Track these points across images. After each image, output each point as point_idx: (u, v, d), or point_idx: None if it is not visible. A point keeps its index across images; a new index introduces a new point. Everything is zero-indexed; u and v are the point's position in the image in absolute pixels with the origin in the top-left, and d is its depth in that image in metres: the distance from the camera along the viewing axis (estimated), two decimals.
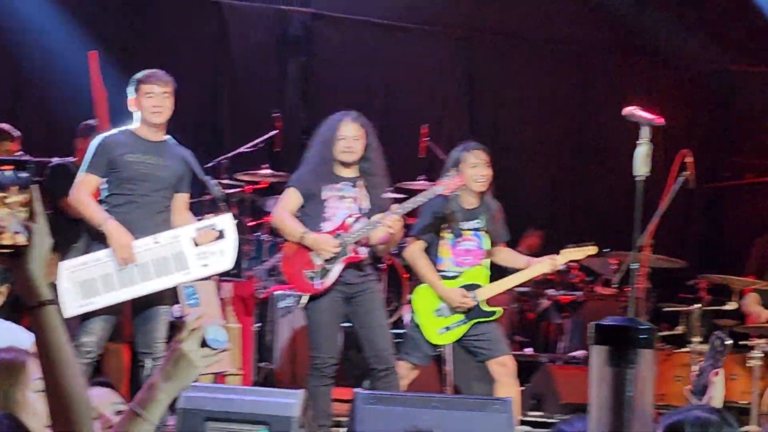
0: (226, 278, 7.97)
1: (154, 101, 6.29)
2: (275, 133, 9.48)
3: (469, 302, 6.78)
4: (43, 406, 2.21)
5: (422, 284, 6.94)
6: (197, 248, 6.20)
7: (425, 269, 6.87)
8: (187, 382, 2.42)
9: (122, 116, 6.52)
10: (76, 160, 7.39)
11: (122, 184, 6.24)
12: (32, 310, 2.20)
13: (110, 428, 2.86)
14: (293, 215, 6.58)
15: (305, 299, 6.52)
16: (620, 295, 9.31)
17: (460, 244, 6.87)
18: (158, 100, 6.29)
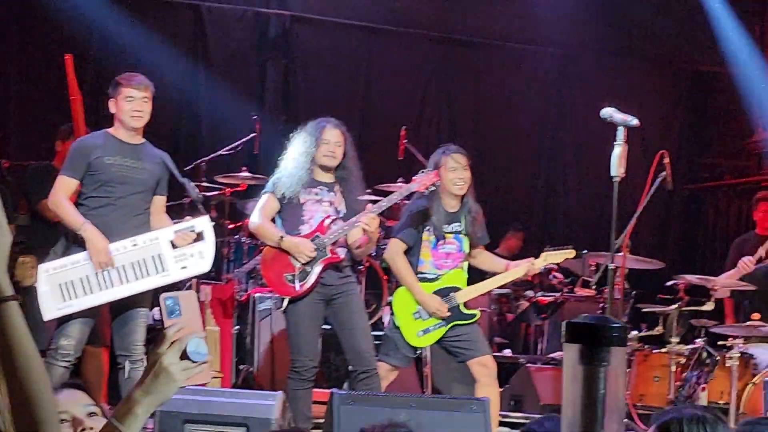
0: (205, 281, 7.97)
1: (134, 105, 6.28)
2: (254, 135, 9.47)
3: (443, 311, 6.80)
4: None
5: (402, 286, 6.95)
6: (176, 250, 6.19)
7: (403, 271, 6.87)
8: (166, 396, 2.39)
9: (99, 118, 6.50)
10: (55, 162, 7.38)
11: (100, 186, 6.23)
12: None
13: (83, 431, 2.83)
14: (270, 220, 6.59)
15: (285, 303, 6.52)
16: (599, 296, 9.33)
17: (440, 246, 6.88)
18: (138, 104, 6.29)
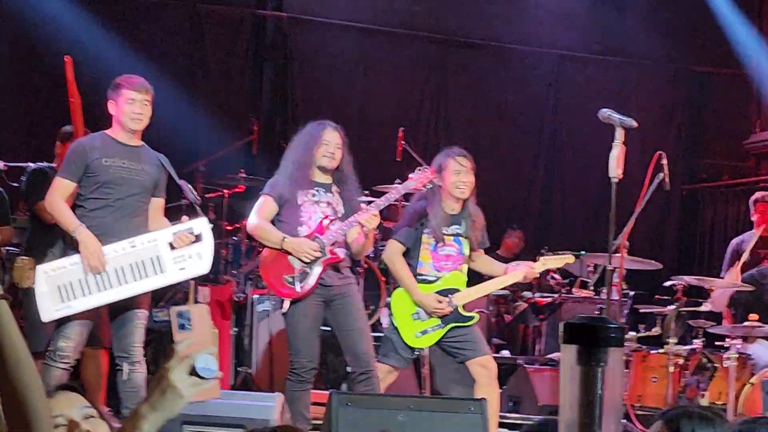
0: (203, 282, 7.98)
1: (134, 108, 6.26)
2: (252, 137, 9.48)
3: (443, 308, 6.80)
4: None
5: (400, 287, 6.95)
6: (174, 252, 6.18)
7: (402, 272, 6.87)
8: (173, 412, 2.34)
9: (98, 120, 6.50)
10: (55, 165, 7.38)
11: (99, 188, 6.21)
12: None
13: None
14: (268, 222, 6.60)
15: (287, 305, 6.49)
16: (597, 297, 9.34)
17: (440, 248, 6.87)
18: (138, 107, 6.27)
